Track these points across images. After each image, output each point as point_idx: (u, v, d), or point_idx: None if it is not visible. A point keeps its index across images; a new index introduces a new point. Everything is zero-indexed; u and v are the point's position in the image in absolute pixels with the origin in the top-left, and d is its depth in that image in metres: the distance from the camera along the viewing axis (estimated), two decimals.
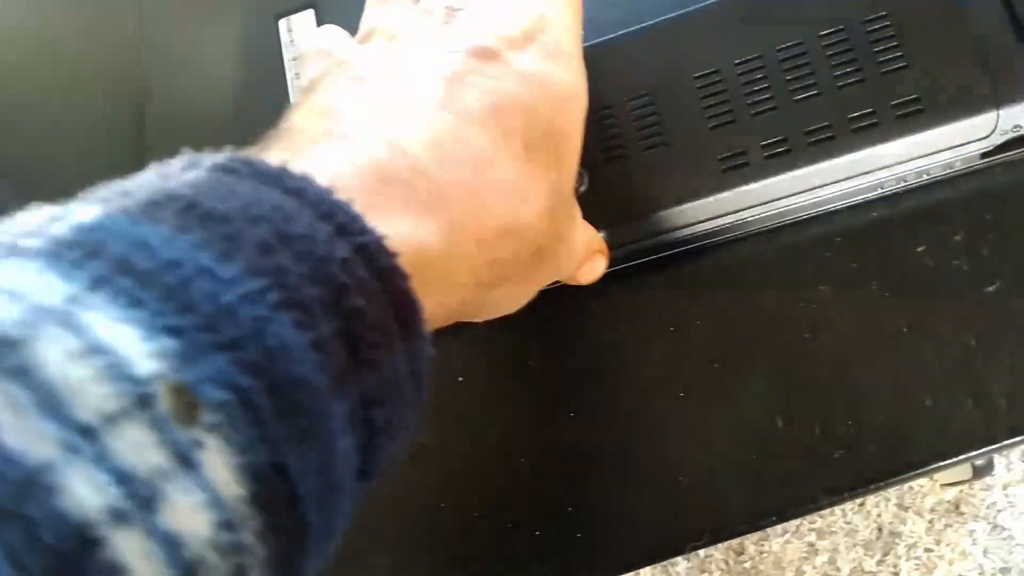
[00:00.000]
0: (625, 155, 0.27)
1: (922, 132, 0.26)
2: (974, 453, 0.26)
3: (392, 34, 0.22)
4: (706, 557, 0.87)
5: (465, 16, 0.22)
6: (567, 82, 0.22)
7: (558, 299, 0.29)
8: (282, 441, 0.13)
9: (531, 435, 0.29)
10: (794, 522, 0.87)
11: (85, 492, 0.10)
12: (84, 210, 0.13)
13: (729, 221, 0.27)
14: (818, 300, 0.27)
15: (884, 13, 0.26)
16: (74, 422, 0.11)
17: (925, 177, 0.27)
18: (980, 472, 0.73)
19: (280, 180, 0.15)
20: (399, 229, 0.16)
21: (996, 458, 0.80)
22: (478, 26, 0.21)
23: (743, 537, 0.88)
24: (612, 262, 0.28)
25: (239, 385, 0.12)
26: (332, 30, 0.23)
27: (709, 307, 0.28)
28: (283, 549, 0.13)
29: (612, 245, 0.27)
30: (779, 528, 0.87)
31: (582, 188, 0.27)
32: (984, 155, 0.26)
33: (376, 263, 0.15)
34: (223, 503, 0.12)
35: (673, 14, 0.28)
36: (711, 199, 0.26)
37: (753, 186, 0.26)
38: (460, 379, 0.30)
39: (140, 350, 0.12)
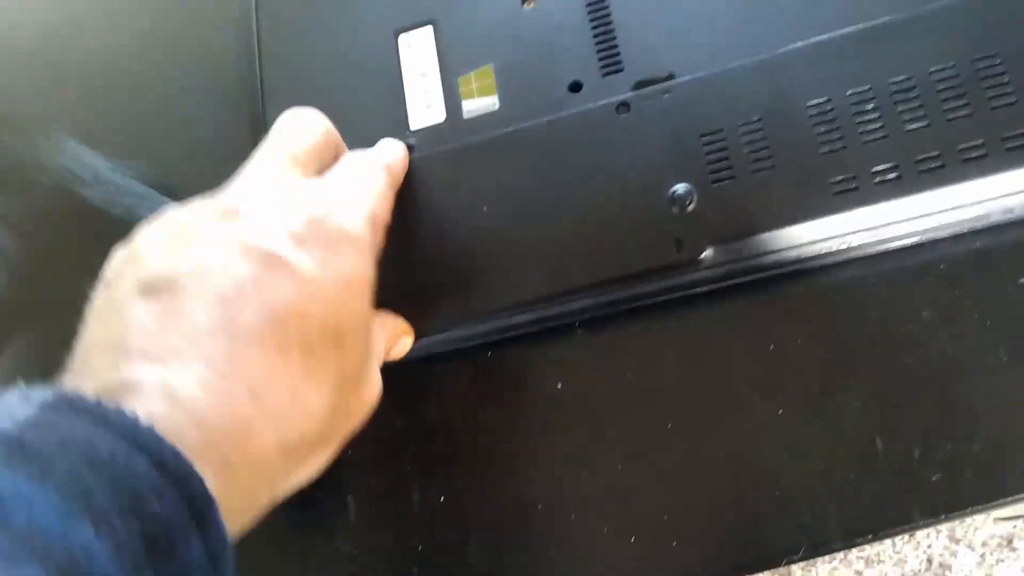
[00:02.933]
0: (733, 176, 0.28)
1: None
2: None
3: (184, 221, 0.23)
4: None
5: (260, 202, 0.23)
6: (344, 271, 0.23)
7: (659, 312, 0.30)
8: None
9: (626, 444, 0.29)
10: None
11: None
12: None
13: (836, 244, 0.28)
14: (920, 325, 0.28)
15: (994, 52, 0.27)
16: None
17: None
18: None
19: (91, 414, 0.18)
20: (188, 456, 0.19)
21: None
22: (268, 219, 0.23)
23: None
24: (715, 279, 0.29)
25: None
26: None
27: (811, 327, 0.29)
28: None
29: (719, 263, 0.28)
30: (827, 556, 0.87)
31: (691, 207, 0.28)
32: None
33: (172, 472, 0.18)
34: None
35: (786, 47, 0.29)
36: (819, 221, 0.27)
37: (862, 210, 0.27)
38: (559, 386, 0.31)
39: None
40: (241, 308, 0.21)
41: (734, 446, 0.28)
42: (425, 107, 0.32)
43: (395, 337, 0.29)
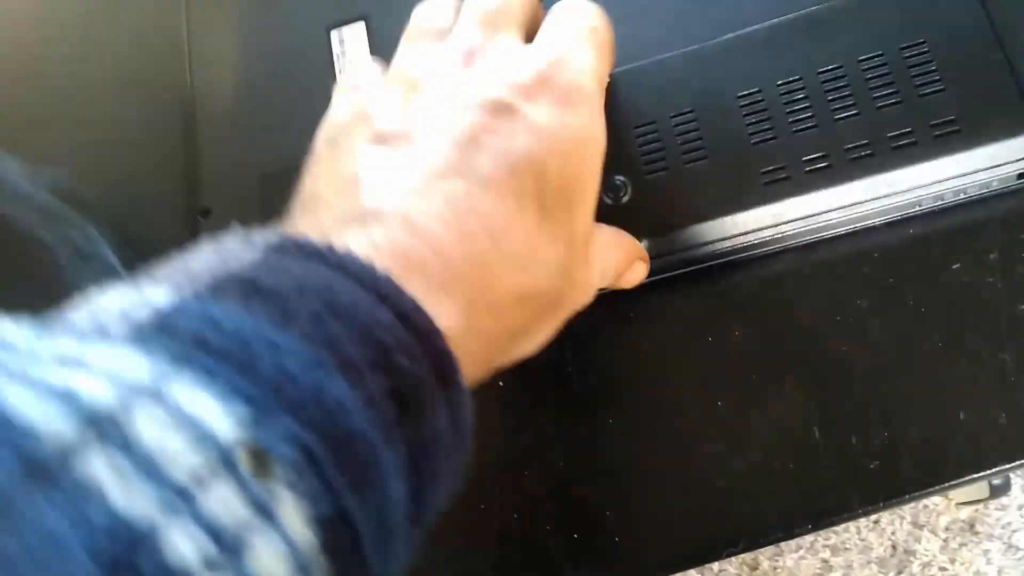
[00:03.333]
0: (667, 167, 0.28)
1: (959, 153, 0.26)
2: (1007, 466, 0.26)
3: (413, 82, 0.23)
4: (720, 572, 0.87)
5: (482, 63, 0.23)
6: (580, 127, 0.22)
7: (598, 308, 0.30)
8: (344, 491, 0.14)
9: (569, 440, 0.29)
10: (808, 538, 0.88)
11: (184, 546, 0.12)
12: (157, 293, 0.15)
13: (768, 235, 0.28)
14: (855, 314, 0.28)
15: (922, 40, 0.27)
16: (171, 484, 0.12)
17: (962, 196, 0.28)
18: (997, 492, 0.73)
19: (325, 258, 0.17)
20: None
21: (1013, 478, 0.81)
22: (493, 75, 0.22)
23: (757, 552, 0.89)
24: (652, 272, 0.29)
25: (304, 442, 0.14)
26: (367, 68, 0.25)
27: (747, 318, 0.29)
28: None
29: (652, 255, 0.28)
30: (793, 544, 0.87)
31: (625, 198, 0.28)
32: (1020, 176, 0.27)
33: (415, 327, 0.17)
34: (299, 550, 0.13)
35: (717, 38, 0.29)
36: (752, 212, 0.27)
37: (793, 200, 0.27)
38: (500, 383, 0.30)
39: (219, 418, 0.13)
40: (476, 154, 0.20)
41: (673, 439, 0.28)
42: None
43: (631, 259, 0.27)
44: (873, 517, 0.86)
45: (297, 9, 0.34)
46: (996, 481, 0.73)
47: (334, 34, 0.33)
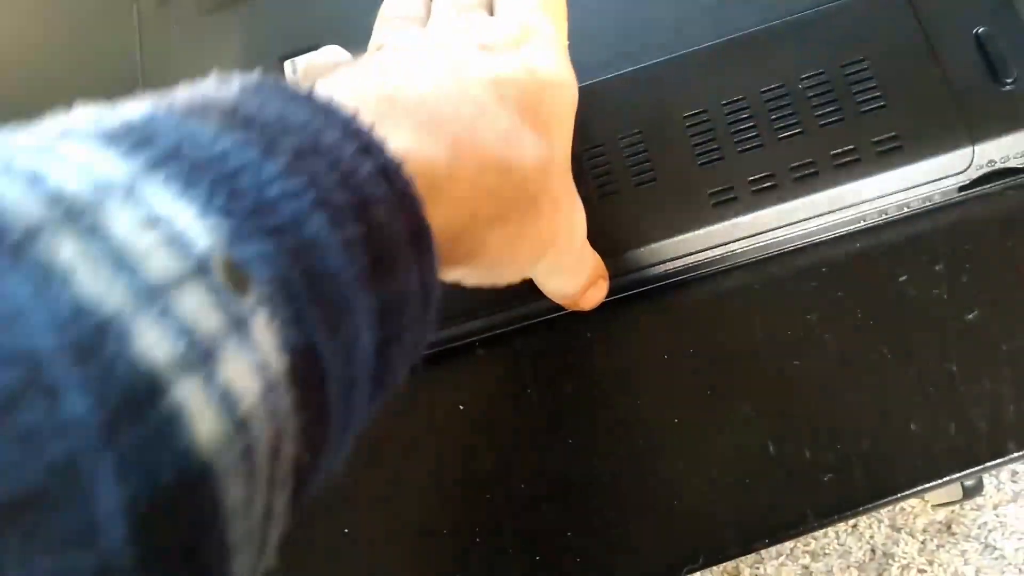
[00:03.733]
0: (617, 191, 0.28)
1: (901, 168, 0.27)
2: (957, 475, 0.27)
3: (422, 34, 0.24)
4: None
5: (469, 25, 0.24)
6: (557, 72, 0.23)
7: (554, 328, 0.30)
8: (314, 324, 0.14)
9: (527, 461, 0.29)
10: (788, 544, 0.88)
11: (153, 341, 0.11)
12: (131, 107, 0.14)
13: (718, 253, 0.28)
14: (805, 328, 0.28)
15: (861, 58, 0.28)
16: (142, 280, 0.11)
17: (906, 210, 0.28)
18: (970, 493, 0.74)
19: (308, 99, 0.16)
20: (407, 142, 0.18)
21: (986, 478, 0.81)
22: (481, 30, 0.23)
23: (738, 560, 0.89)
24: (607, 292, 0.29)
25: (280, 267, 0.13)
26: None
27: (700, 336, 0.29)
28: (311, 428, 0.14)
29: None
30: (773, 551, 0.88)
31: None
32: (961, 188, 0.28)
33: (394, 183, 0.16)
34: (269, 369, 0.13)
35: (662, 58, 0.29)
36: (701, 232, 0.28)
37: (741, 219, 0.27)
38: (460, 407, 0.30)
39: (196, 226, 0.12)
40: (468, 66, 0.21)
41: (631, 456, 0.29)
42: None
43: (595, 276, 0.28)
44: (851, 521, 0.86)
45: (250, 39, 0.34)
46: (968, 482, 0.74)
47: (287, 64, 0.33)
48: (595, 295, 0.28)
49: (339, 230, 0.14)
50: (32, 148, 0.12)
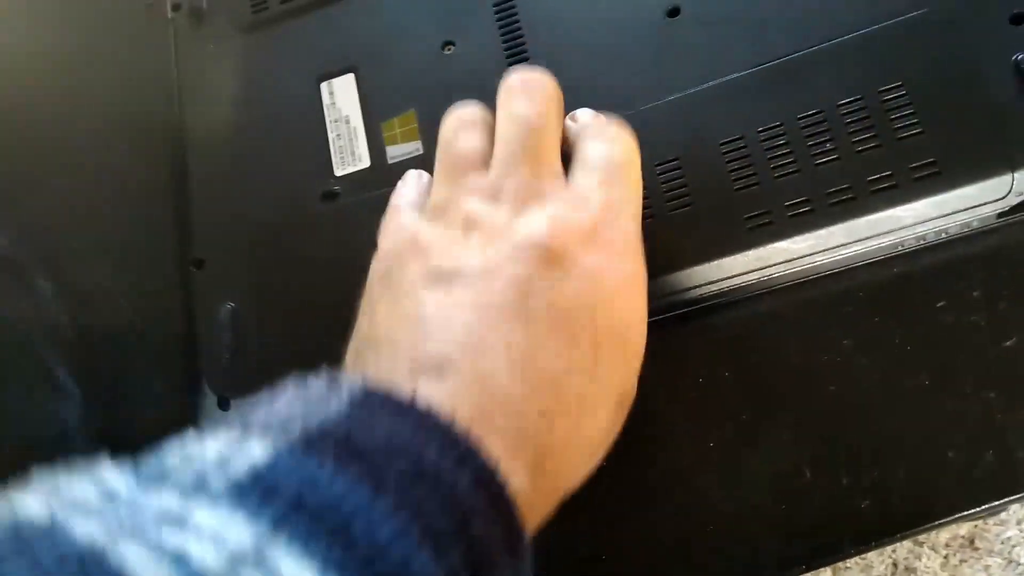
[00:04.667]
0: (653, 215, 0.29)
1: (939, 194, 0.27)
2: (996, 504, 0.27)
3: (466, 218, 0.23)
4: None
5: (534, 209, 0.23)
6: (628, 272, 0.23)
7: None
8: None
9: None
10: None
11: None
12: (255, 448, 0.15)
13: (754, 278, 0.28)
14: (842, 353, 0.28)
15: (899, 83, 0.28)
16: None
17: (944, 236, 0.28)
18: (995, 508, 0.74)
19: (410, 413, 0.17)
20: (499, 448, 0.18)
21: None
22: (545, 224, 0.22)
23: None
24: None
25: None
26: (413, 182, 0.26)
27: (736, 360, 0.29)
28: None
29: None
30: None
31: None
32: (1000, 215, 0.28)
33: (491, 492, 0.17)
34: None
35: (699, 87, 0.29)
36: (737, 257, 0.28)
37: (777, 245, 0.27)
38: None
39: None
40: (533, 299, 0.21)
41: (666, 479, 0.29)
42: (349, 153, 0.32)
43: None
44: None
45: (287, 60, 0.35)
46: None
47: (324, 86, 0.34)
48: None
49: (444, 560, 0.15)
50: (173, 518, 0.14)
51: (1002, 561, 0.84)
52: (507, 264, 0.21)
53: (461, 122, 0.26)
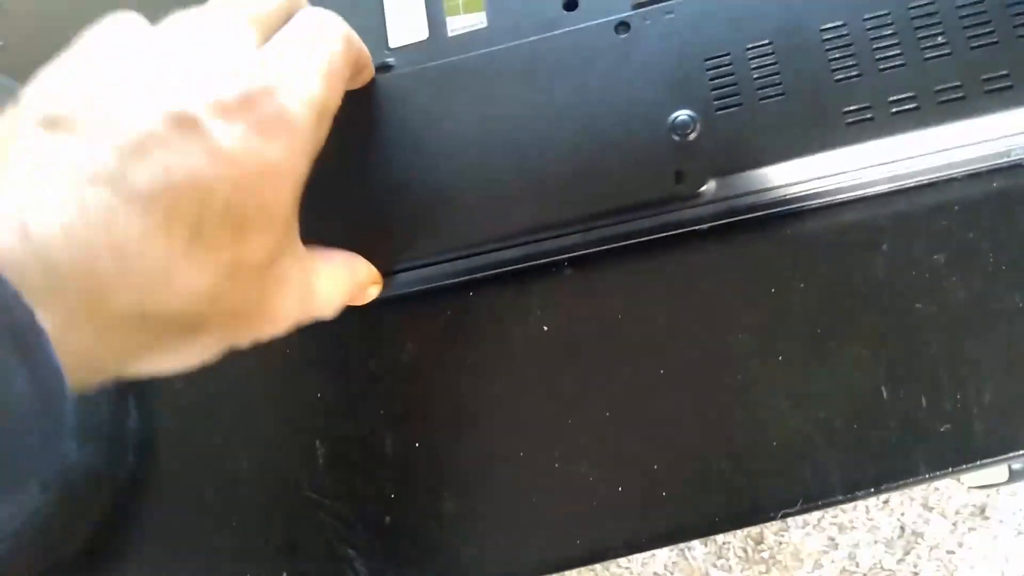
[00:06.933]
0: (740, 104, 0.26)
1: None
2: None
3: (103, 50, 0.21)
4: (724, 544, 0.87)
5: (187, 61, 0.21)
6: (269, 159, 0.20)
7: (651, 251, 0.28)
8: None
9: (621, 391, 0.28)
10: (816, 515, 0.87)
11: None
12: None
13: (846, 180, 0.26)
14: (931, 269, 0.26)
15: None
16: None
17: None
18: (1016, 476, 0.72)
19: None
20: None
21: None
22: (193, 81, 0.20)
23: (763, 526, 0.88)
24: (716, 216, 0.27)
25: None
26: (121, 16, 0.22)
27: (814, 270, 0.27)
28: None
29: (721, 197, 0.26)
30: (800, 520, 0.87)
31: (692, 135, 0.26)
32: None
33: None
34: None
35: None
36: (831, 153, 0.25)
37: (876, 143, 0.25)
38: (545, 327, 0.29)
39: None
40: (135, 164, 0.19)
41: (729, 393, 0.27)
42: (406, 24, 0.30)
43: (359, 286, 0.27)
44: (883, 497, 0.85)
45: None
46: (1016, 465, 0.72)
47: None
48: (362, 299, 0.28)
49: None
50: None
51: (1011, 532, 0.83)
52: (124, 120, 0.19)
53: None
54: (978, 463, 0.25)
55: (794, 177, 0.26)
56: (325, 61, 0.23)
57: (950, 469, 0.25)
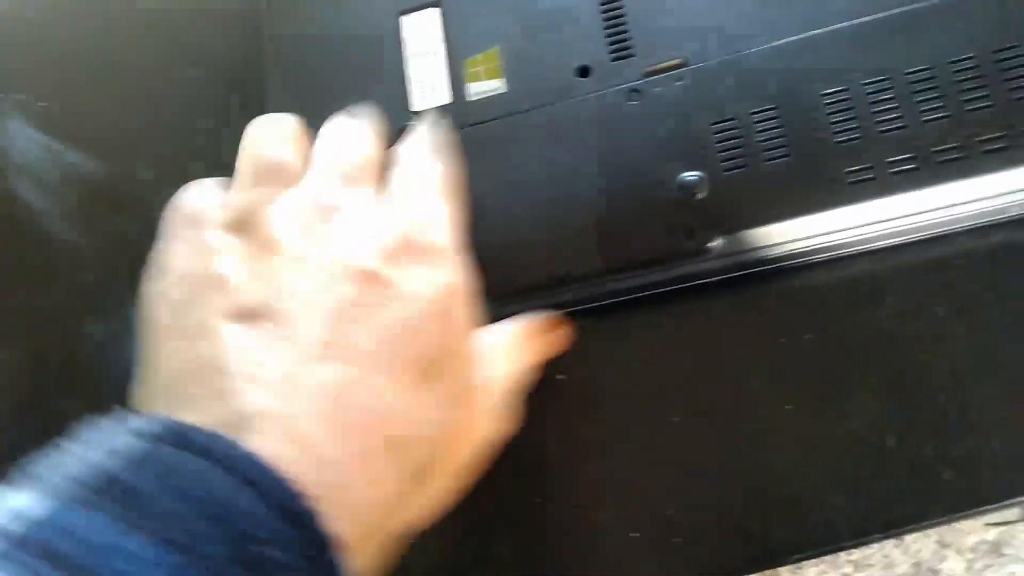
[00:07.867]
0: (746, 165, 0.28)
1: None
2: None
3: (268, 239, 0.21)
4: None
5: (341, 222, 0.21)
6: (447, 284, 0.21)
7: (667, 303, 0.29)
8: None
9: (633, 439, 0.29)
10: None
11: None
12: (30, 499, 0.15)
13: (849, 236, 0.27)
14: (935, 320, 0.27)
15: (1015, 43, 0.27)
16: None
17: None
18: None
19: (209, 452, 0.16)
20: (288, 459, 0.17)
21: None
22: (356, 239, 0.21)
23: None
24: (725, 270, 0.28)
25: None
26: (206, 195, 0.23)
27: (822, 321, 0.28)
28: None
29: (729, 253, 0.28)
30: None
31: (700, 195, 0.28)
32: None
33: (282, 502, 0.16)
34: None
35: (802, 34, 0.28)
36: (834, 212, 0.27)
37: (877, 202, 0.26)
38: (564, 376, 0.30)
39: None
40: (351, 329, 0.19)
41: (742, 441, 0.28)
42: (429, 89, 0.32)
43: (538, 351, 0.27)
44: None
45: None
46: None
47: (404, 19, 0.33)
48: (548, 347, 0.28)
49: None
50: None
51: None
52: (320, 293, 0.20)
53: (272, 129, 0.24)
54: (985, 508, 0.26)
55: (798, 234, 0.27)
56: (441, 184, 0.24)
57: (957, 515, 0.26)
